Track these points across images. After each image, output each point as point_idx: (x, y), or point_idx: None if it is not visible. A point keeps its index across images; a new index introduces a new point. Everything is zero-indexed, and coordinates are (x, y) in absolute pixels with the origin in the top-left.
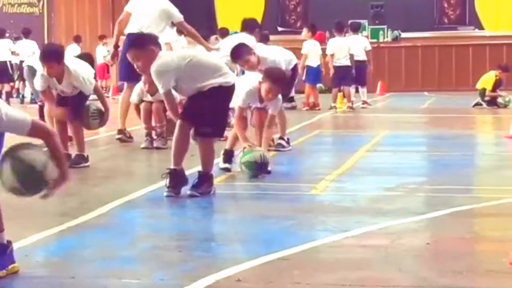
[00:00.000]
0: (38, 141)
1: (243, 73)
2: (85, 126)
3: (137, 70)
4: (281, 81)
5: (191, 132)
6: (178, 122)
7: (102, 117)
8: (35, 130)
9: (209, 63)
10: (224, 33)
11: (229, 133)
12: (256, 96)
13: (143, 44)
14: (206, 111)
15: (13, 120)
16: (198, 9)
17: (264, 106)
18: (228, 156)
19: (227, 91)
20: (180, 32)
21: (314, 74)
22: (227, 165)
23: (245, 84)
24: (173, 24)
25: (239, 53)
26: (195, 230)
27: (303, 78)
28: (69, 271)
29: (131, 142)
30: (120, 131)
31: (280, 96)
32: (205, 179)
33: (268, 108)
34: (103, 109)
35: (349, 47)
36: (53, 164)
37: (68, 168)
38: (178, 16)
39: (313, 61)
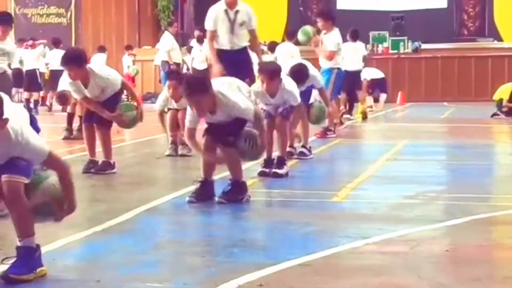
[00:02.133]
0: None
1: None
2: (122, 124)
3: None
4: (263, 70)
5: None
6: (203, 138)
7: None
8: (51, 162)
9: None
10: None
11: None
12: (264, 93)
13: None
14: (228, 123)
15: (31, 148)
16: None
17: (282, 110)
18: (269, 162)
19: None
20: (201, 41)
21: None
22: (269, 170)
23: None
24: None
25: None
26: (218, 236)
27: None
28: (95, 275)
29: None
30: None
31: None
32: (235, 187)
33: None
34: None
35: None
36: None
37: (95, 174)
38: None
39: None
